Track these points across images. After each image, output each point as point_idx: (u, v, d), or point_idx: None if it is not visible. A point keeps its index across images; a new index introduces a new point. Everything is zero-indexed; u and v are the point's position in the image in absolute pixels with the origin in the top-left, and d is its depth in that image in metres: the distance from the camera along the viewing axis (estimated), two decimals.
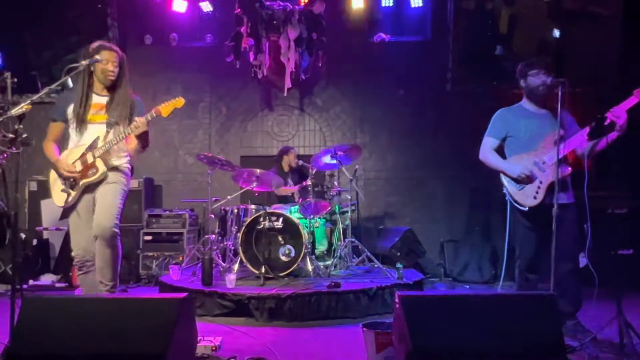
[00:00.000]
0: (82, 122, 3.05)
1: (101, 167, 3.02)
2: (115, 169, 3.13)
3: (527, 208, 3.18)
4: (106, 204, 3.00)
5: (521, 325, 2.25)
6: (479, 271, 5.62)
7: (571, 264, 3.20)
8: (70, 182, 3.04)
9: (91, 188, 3.06)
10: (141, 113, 3.14)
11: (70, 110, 3.09)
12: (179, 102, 3.05)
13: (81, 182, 3.02)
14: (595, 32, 6.20)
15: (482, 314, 2.29)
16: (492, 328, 2.24)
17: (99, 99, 3.12)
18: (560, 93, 3.03)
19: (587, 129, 3.06)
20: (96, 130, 3.08)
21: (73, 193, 3.02)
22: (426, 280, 5.10)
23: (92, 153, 3.02)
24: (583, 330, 3.21)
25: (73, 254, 3.05)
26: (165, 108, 3.01)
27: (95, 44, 3.10)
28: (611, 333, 3.06)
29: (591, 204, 3.20)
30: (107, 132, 3.05)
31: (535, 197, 3.17)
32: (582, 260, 5.19)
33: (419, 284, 4.59)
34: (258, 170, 4.82)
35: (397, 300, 2.38)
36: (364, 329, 2.87)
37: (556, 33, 6.27)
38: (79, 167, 3.03)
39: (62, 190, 3.04)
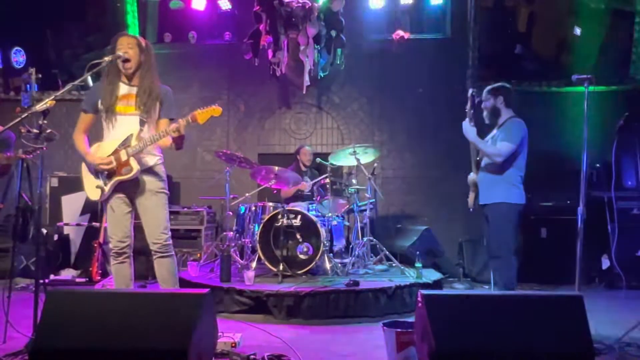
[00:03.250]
0: (111, 113, 3.02)
1: (135, 166, 2.98)
2: (151, 171, 3.08)
3: (472, 209, 3.86)
4: (156, 218, 3.04)
5: (547, 326, 2.19)
6: None
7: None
8: (104, 177, 3.00)
9: (125, 186, 3.03)
10: (171, 103, 3.11)
11: (100, 101, 3.06)
12: (216, 111, 2.97)
13: (115, 179, 2.99)
14: (616, 29, 6.09)
15: (508, 314, 2.24)
16: (518, 329, 2.19)
17: (128, 89, 3.07)
18: (586, 90, 3.20)
19: None
20: (127, 122, 3.03)
21: (106, 189, 2.99)
22: (445, 280, 5.05)
23: (126, 151, 2.97)
24: None
25: (111, 245, 3.07)
26: (202, 115, 2.93)
27: (116, 36, 3.08)
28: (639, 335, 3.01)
29: (617, 205, 3.15)
30: (141, 129, 3.01)
31: (468, 197, 3.83)
32: (605, 262, 5.10)
33: (438, 284, 4.55)
34: (276, 168, 4.81)
35: (420, 299, 2.34)
36: (385, 327, 2.84)
37: (577, 31, 6.16)
38: (113, 163, 2.98)
39: (97, 187, 3.01)
